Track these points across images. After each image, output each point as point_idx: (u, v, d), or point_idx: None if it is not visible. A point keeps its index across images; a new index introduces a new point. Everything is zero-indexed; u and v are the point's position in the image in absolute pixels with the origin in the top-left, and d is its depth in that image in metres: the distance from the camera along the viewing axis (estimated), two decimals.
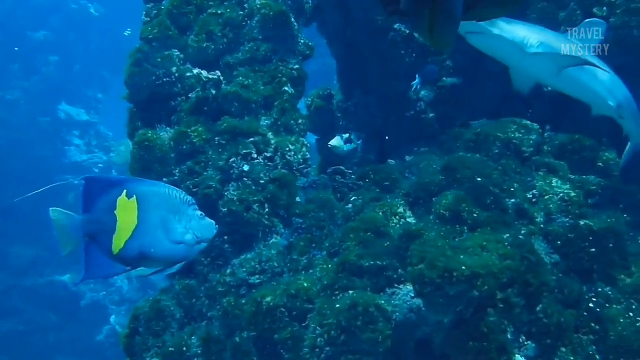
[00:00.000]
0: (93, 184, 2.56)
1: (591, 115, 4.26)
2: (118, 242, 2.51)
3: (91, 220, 2.52)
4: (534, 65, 3.98)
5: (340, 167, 4.36)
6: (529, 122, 4.35)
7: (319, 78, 6.95)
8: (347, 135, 4.90)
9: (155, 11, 4.53)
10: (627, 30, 4.21)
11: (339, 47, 5.30)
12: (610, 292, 3.66)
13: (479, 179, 3.89)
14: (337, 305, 3.37)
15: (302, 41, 4.53)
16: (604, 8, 4.29)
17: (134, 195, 2.54)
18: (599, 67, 3.89)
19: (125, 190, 2.53)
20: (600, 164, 4.22)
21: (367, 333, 3.28)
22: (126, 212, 2.52)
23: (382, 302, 3.37)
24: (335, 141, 4.90)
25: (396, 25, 4.79)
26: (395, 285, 3.47)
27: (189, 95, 4.28)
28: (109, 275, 2.68)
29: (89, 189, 2.55)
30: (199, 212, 2.69)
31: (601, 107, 4.13)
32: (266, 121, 4.23)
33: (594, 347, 3.51)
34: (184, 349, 3.85)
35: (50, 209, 2.50)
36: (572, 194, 3.97)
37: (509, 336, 3.41)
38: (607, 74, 4.02)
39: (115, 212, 2.51)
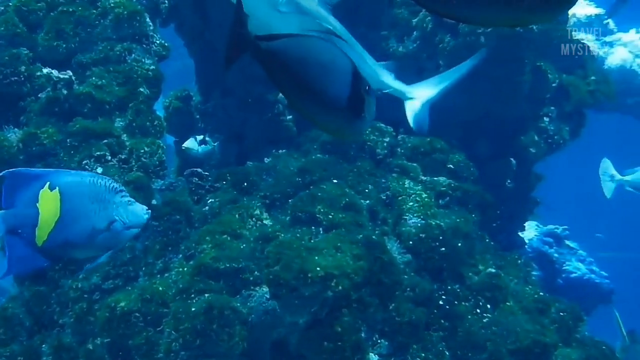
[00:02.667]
0: (15, 178, 2.55)
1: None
2: (41, 234, 2.49)
3: (13, 215, 2.51)
4: (279, 22, 4.00)
5: (198, 169, 4.32)
6: (383, 124, 4.46)
7: (179, 79, 6.85)
8: (201, 137, 4.87)
9: (2, 8, 4.34)
10: (474, 37, 4.39)
11: (197, 48, 5.25)
12: (459, 290, 3.80)
13: (335, 181, 3.96)
14: (193, 309, 3.34)
15: (158, 41, 4.46)
16: None
17: (57, 187, 2.52)
18: (339, 37, 4.00)
19: (48, 183, 2.51)
20: (451, 165, 4.38)
21: (222, 336, 3.27)
22: (49, 204, 2.50)
23: (238, 304, 3.38)
24: (189, 143, 4.85)
25: None
26: (252, 287, 3.48)
27: (39, 95, 4.12)
28: (33, 269, 2.66)
29: (11, 183, 2.54)
30: (127, 199, 2.66)
31: None
32: (121, 123, 4.13)
33: (443, 343, 3.64)
34: (34, 358, 3.72)
35: None
36: (424, 195, 4.09)
37: (363, 335, 3.49)
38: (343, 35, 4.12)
39: (37, 204, 2.50)
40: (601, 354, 3.79)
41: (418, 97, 4.33)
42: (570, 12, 5.80)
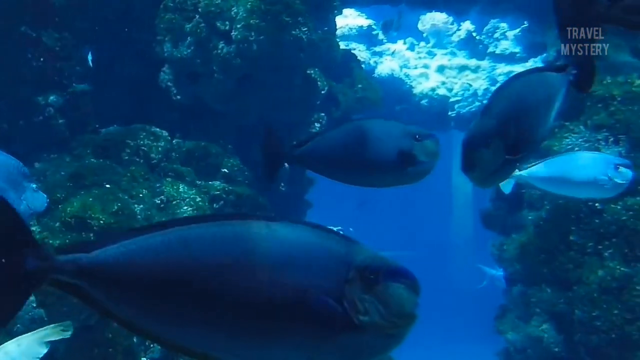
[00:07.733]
0: None
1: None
2: None
3: None
4: None
5: None
6: (158, 129, 4.47)
7: None
8: None
9: None
10: (247, 44, 4.48)
11: None
12: None
13: (107, 186, 3.92)
14: None
15: None
16: (227, 22, 4.53)
17: None
18: None
19: None
20: (225, 170, 4.47)
21: None
22: None
23: None
24: None
25: (22, 28, 4.63)
26: None
27: None
28: None
29: None
30: (33, 185, 2.67)
31: None
32: None
33: None
34: None
35: None
36: (198, 199, 4.15)
37: (135, 340, 3.49)
38: None
39: None
40: None
41: None
42: (341, 22, 6.06)
